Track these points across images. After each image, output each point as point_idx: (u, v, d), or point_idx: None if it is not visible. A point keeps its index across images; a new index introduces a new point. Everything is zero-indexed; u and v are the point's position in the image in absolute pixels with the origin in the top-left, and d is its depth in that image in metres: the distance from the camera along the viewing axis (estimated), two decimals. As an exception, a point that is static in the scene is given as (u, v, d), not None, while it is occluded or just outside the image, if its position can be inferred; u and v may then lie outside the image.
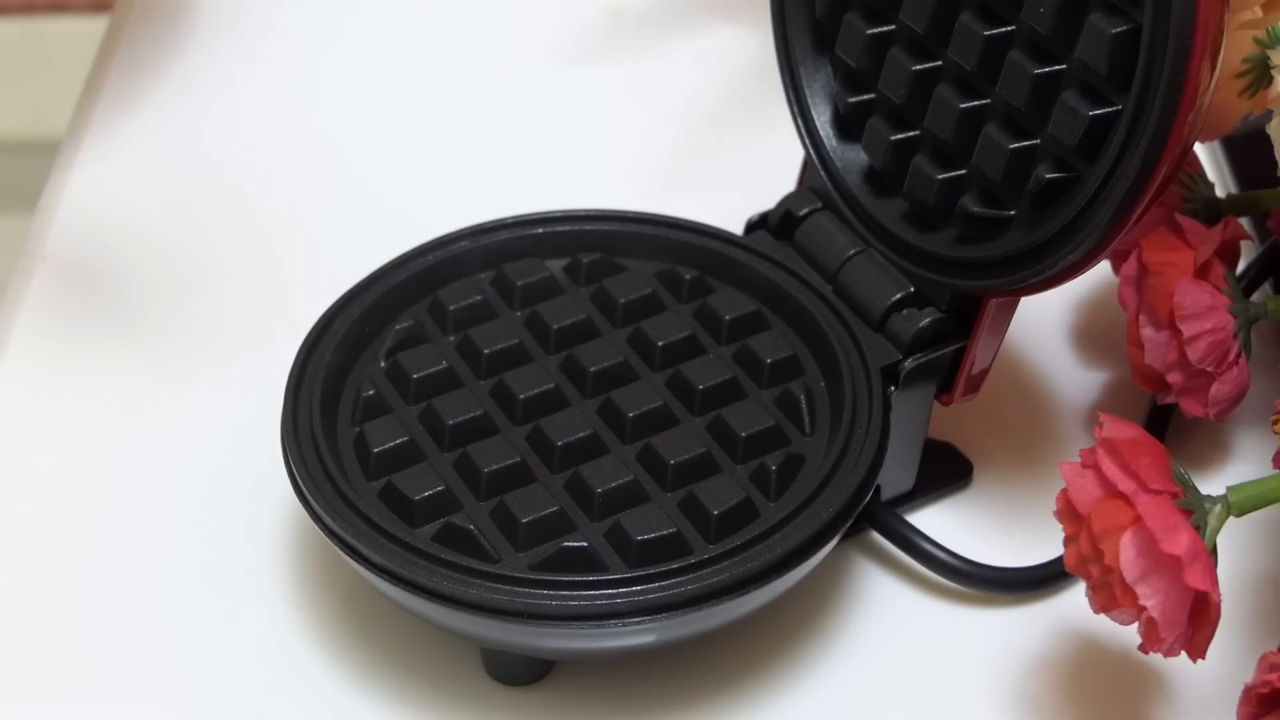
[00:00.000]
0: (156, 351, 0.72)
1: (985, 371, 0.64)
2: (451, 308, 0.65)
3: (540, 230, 0.67)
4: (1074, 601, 0.62)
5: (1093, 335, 0.72)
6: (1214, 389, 0.64)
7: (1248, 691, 0.55)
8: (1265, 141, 0.62)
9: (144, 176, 0.79)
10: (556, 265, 0.67)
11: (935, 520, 0.65)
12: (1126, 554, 0.54)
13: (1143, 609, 0.54)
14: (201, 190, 0.78)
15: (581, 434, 0.61)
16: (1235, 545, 0.62)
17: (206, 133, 0.81)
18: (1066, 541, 0.56)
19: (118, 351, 0.72)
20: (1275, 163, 0.61)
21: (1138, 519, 0.54)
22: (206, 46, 0.85)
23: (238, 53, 0.84)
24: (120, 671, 0.61)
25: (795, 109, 0.67)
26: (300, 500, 0.60)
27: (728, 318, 0.65)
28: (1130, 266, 0.65)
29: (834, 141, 0.66)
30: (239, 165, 0.79)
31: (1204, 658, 0.56)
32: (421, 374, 0.63)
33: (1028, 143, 0.60)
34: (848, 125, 0.66)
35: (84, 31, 1.31)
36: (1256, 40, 0.62)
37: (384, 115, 0.82)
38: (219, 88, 0.83)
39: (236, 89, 0.83)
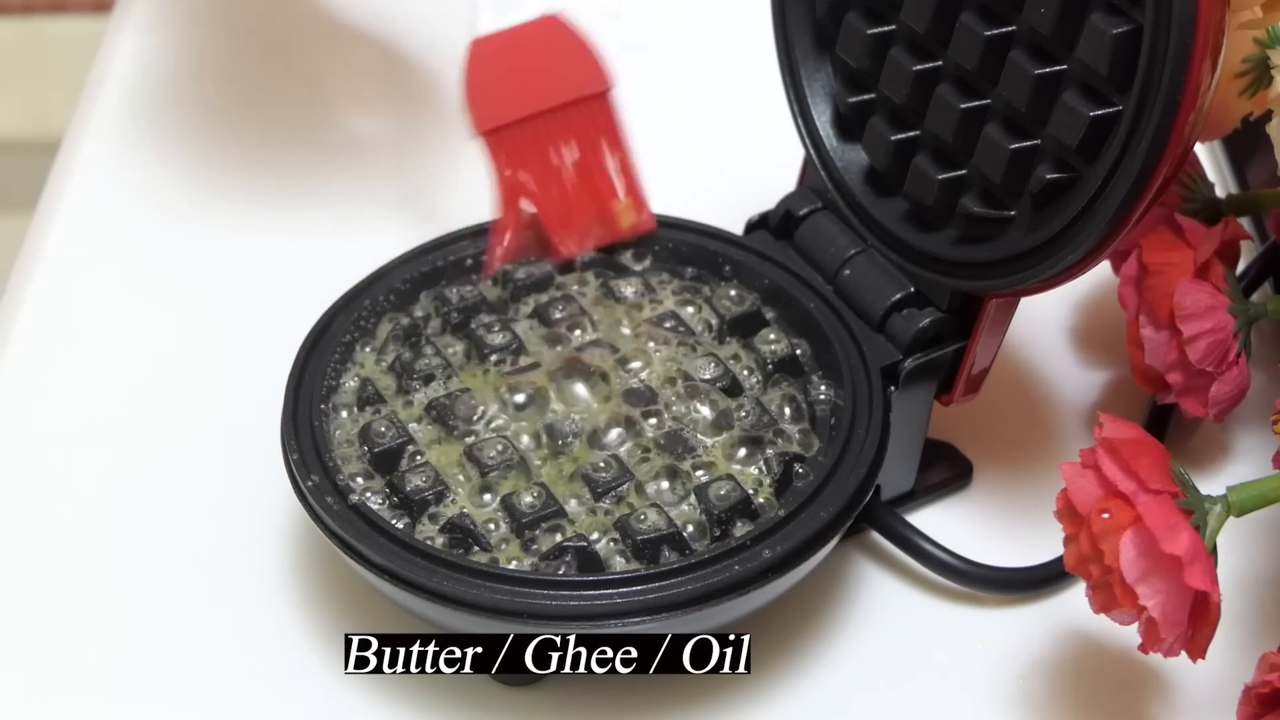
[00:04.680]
0: (155, 352, 0.72)
1: (985, 371, 0.64)
2: (452, 306, 0.65)
3: (540, 230, 0.68)
4: (1074, 601, 0.62)
5: (1093, 335, 0.72)
6: (1214, 389, 0.64)
7: (1248, 691, 0.55)
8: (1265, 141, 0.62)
9: (143, 177, 0.79)
10: (556, 264, 0.67)
11: (935, 520, 0.65)
12: (1126, 554, 0.54)
13: (1143, 609, 0.54)
14: (201, 191, 0.78)
15: (583, 432, 0.62)
16: (1235, 545, 0.62)
17: (205, 133, 0.81)
18: (1066, 541, 0.56)
19: (117, 352, 0.72)
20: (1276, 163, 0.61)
21: (1138, 519, 0.54)
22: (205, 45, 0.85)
23: (237, 55, 0.84)
24: (120, 670, 0.61)
25: (795, 109, 0.67)
26: (300, 500, 0.60)
27: (727, 317, 0.65)
28: (1130, 266, 0.65)
29: (834, 141, 0.66)
30: (238, 165, 0.79)
31: (1204, 658, 0.56)
32: (422, 373, 0.63)
33: (1028, 143, 0.59)
34: (848, 125, 0.66)
35: (84, 31, 1.31)
36: (1256, 40, 0.62)
37: (384, 116, 0.82)
38: (218, 88, 0.83)
39: (236, 90, 0.83)
